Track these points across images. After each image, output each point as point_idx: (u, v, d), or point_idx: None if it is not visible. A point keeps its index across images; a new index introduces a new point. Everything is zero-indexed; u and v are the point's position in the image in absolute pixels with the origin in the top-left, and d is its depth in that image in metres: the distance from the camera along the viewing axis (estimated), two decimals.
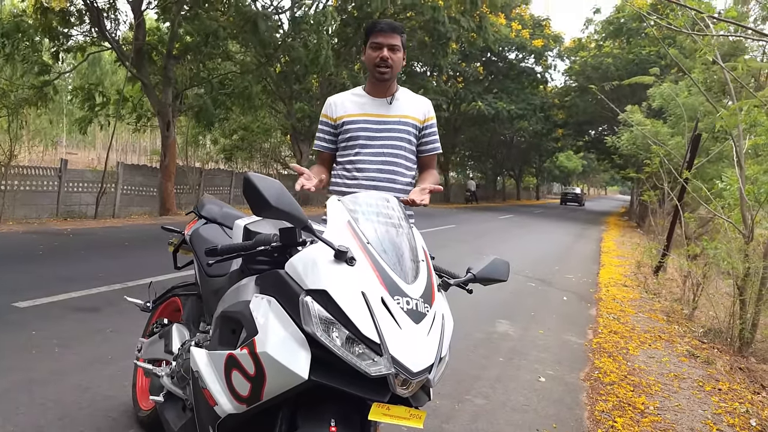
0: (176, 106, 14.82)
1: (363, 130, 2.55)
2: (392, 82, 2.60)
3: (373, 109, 2.58)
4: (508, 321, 5.95)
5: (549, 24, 33.53)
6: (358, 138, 2.55)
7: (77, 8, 14.10)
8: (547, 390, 4.04)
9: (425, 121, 2.66)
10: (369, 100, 2.60)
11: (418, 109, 2.64)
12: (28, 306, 4.84)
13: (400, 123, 2.58)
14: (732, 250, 5.79)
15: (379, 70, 2.51)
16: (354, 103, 2.60)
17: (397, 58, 2.53)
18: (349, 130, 2.57)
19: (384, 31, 2.51)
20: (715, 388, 4.35)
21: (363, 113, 2.57)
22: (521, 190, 55.94)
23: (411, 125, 2.60)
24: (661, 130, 12.37)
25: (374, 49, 2.52)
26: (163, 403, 2.41)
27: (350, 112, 2.58)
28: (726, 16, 4.86)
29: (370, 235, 1.68)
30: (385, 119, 2.57)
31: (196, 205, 2.89)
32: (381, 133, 2.56)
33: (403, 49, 2.57)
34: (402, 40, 2.55)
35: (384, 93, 2.60)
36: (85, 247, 8.48)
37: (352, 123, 2.56)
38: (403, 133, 2.58)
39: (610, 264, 11.27)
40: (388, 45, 2.50)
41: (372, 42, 2.52)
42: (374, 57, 2.51)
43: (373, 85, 2.61)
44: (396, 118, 2.58)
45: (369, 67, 2.57)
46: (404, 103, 2.62)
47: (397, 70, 2.55)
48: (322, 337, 1.47)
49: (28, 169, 12.21)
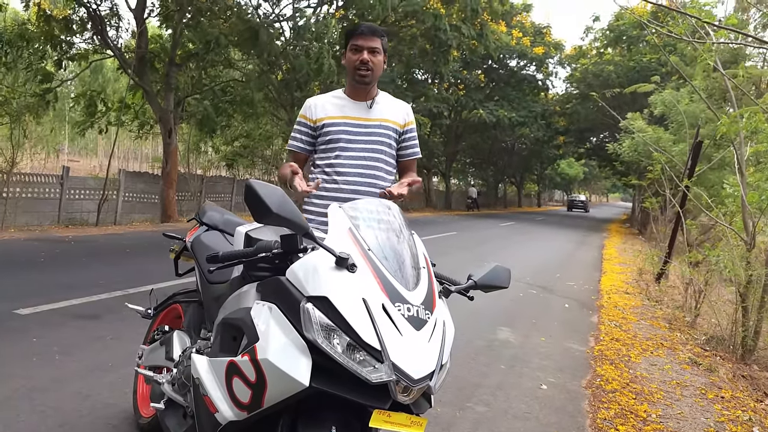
0: (178, 114, 14.88)
1: (344, 132, 2.51)
2: (373, 86, 2.57)
3: (354, 112, 2.54)
4: (509, 328, 5.93)
5: (550, 31, 33.64)
6: (339, 141, 2.50)
7: (80, 16, 14.19)
8: (548, 398, 4.02)
9: (405, 125, 2.63)
10: (349, 103, 2.56)
11: (398, 114, 2.62)
12: (29, 313, 4.84)
13: (380, 127, 2.55)
14: (734, 258, 5.78)
15: (359, 73, 2.47)
16: (334, 106, 2.56)
17: (378, 61, 2.49)
18: (329, 132, 2.52)
19: (364, 33, 2.48)
20: (718, 396, 4.33)
21: (344, 116, 2.53)
22: (522, 198, 55.93)
23: (391, 129, 2.57)
24: (663, 137, 12.37)
25: (354, 52, 2.48)
26: (163, 410, 2.41)
27: (331, 114, 2.54)
28: (726, 23, 4.87)
29: (371, 242, 1.68)
30: (365, 123, 2.53)
31: (197, 212, 2.89)
32: (362, 136, 2.52)
33: (383, 52, 2.53)
34: (383, 44, 2.51)
35: (364, 96, 2.56)
36: (87, 254, 8.49)
37: (332, 125, 2.52)
38: (383, 137, 2.55)
39: (612, 271, 11.25)
40: (368, 48, 2.46)
41: (352, 45, 2.49)
42: (354, 60, 2.47)
43: (354, 88, 2.56)
44: (377, 122, 2.54)
45: (349, 70, 2.53)
46: (385, 107, 2.60)
47: (377, 73, 2.51)
48: (323, 343, 1.47)
49: (30, 176, 12.23)
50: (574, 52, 33.52)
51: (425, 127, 28.52)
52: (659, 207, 11.16)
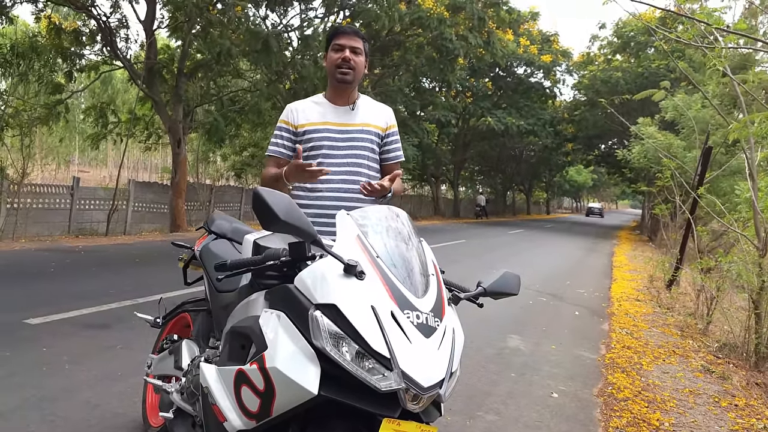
0: (187, 124, 14.97)
1: (326, 139, 2.45)
2: (354, 88, 2.52)
3: (336, 117, 2.50)
4: (519, 336, 5.89)
5: (557, 39, 33.65)
6: (321, 147, 2.45)
7: (90, 28, 14.35)
8: (560, 406, 3.99)
9: (387, 129, 2.60)
10: (331, 108, 2.52)
11: (380, 117, 2.58)
12: (40, 323, 4.87)
13: (363, 131, 2.50)
14: (747, 264, 5.72)
15: (340, 71, 2.42)
16: (315, 111, 2.51)
17: (360, 61, 2.46)
18: (311, 139, 2.46)
19: (347, 33, 2.46)
20: (732, 404, 4.28)
21: (325, 121, 2.48)
22: (531, 205, 55.78)
23: (374, 133, 2.53)
24: (674, 143, 12.31)
25: (336, 51, 2.44)
26: (172, 419, 2.40)
27: (312, 120, 2.49)
28: (735, 28, 4.84)
29: (380, 249, 1.67)
30: (347, 128, 2.49)
31: (206, 221, 2.90)
32: (344, 142, 2.47)
33: (365, 55, 2.50)
34: (365, 47, 2.49)
35: (346, 100, 2.52)
36: (97, 264, 8.53)
37: (314, 132, 2.47)
38: (366, 142, 2.50)
39: (622, 278, 11.17)
40: (350, 47, 2.43)
41: (334, 44, 2.46)
42: (336, 58, 2.43)
43: (335, 91, 2.52)
44: (359, 127, 2.50)
45: (330, 71, 2.48)
46: (366, 111, 2.55)
47: (359, 74, 2.48)
48: (331, 351, 1.46)
49: (41, 187, 12.35)
50: (582, 59, 33.49)
51: (433, 135, 28.57)
52: (669, 214, 11.09)
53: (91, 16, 13.70)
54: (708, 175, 8.69)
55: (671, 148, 11.59)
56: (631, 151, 15.40)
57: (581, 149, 37.36)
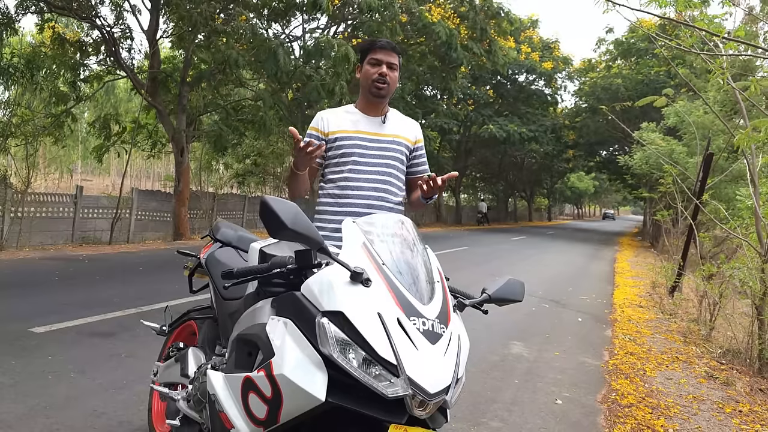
0: (190, 133, 15.03)
1: (358, 147, 2.50)
2: (386, 101, 2.59)
3: (368, 126, 2.54)
4: (522, 343, 5.89)
5: (558, 46, 33.74)
6: (352, 155, 2.49)
7: (94, 39, 14.44)
8: (564, 412, 3.99)
9: (416, 142, 2.66)
10: (362, 118, 2.56)
11: (410, 131, 2.64)
12: (45, 331, 4.88)
13: (393, 142, 2.55)
14: (750, 269, 5.72)
15: (376, 85, 2.48)
16: (348, 120, 2.55)
17: (395, 77, 2.52)
18: (343, 146, 2.51)
19: (384, 48, 2.50)
20: (736, 410, 4.28)
21: (357, 130, 2.53)
22: (533, 212, 55.74)
23: (404, 145, 2.59)
24: (675, 149, 12.32)
25: (373, 65, 2.49)
26: (179, 427, 2.41)
27: (344, 128, 2.53)
28: (735, 35, 4.86)
29: (386, 257, 1.68)
30: (379, 138, 2.53)
31: (211, 229, 2.92)
32: (375, 151, 2.51)
33: (400, 70, 2.57)
34: (399, 61, 2.55)
35: (378, 112, 2.57)
36: (101, 273, 8.55)
37: (346, 139, 2.51)
38: (396, 153, 2.55)
39: (625, 284, 11.16)
40: (387, 62, 2.48)
41: (371, 58, 2.50)
42: (372, 72, 2.48)
43: (367, 102, 2.57)
44: (390, 138, 2.55)
45: (365, 84, 2.52)
46: (396, 124, 2.61)
47: (393, 89, 2.53)
48: (338, 358, 1.47)
49: (45, 196, 12.38)
50: (583, 65, 33.57)
51: (435, 142, 28.59)
52: (671, 220, 11.09)
53: (95, 27, 13.79)
54: (710, 181, 8.70)
55: (673, 154, 11.60)
56: (633, 157, 15.42)
57: (582, 156, 37.40)
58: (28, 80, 12.94)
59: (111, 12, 13.87)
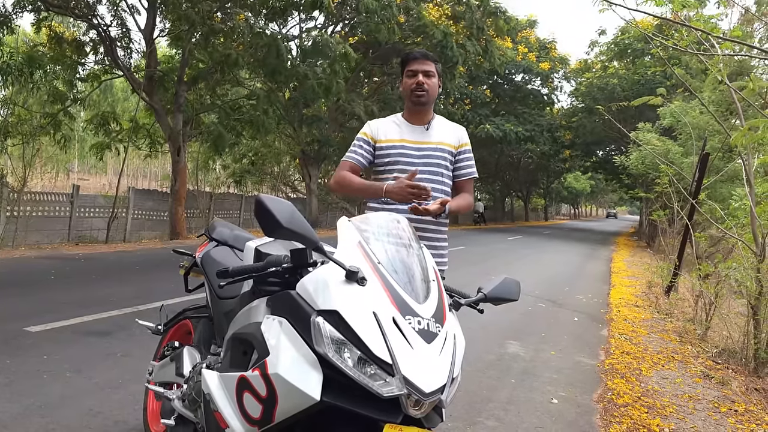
0: (187, 132, 15.00)
1: (402, 155, 2.64)
2: (429, 109, 2.71)
3: (412, 135, 2.68)
4: (518, 342, 5.90)
5: (555, 47, 33.77)
6: (398, 163, 2.64)
7: (91, 38, 14.40)
8: (560, 412, 3.99)
9: (460, 146, 2.75)
10: (408, 127, 2.71)
11: (453, 135, 2.75)
12: (40, 330, 4.87)
13: (437, 149, 2.67)
14: (746, 269, 5.73)
15: (416, 94, 2.62)
16: (394, 129, 2.71)
17: (432, 83, 2.65)
18: (389, 154, 2.66)
19: (417, 58, 2.66)
20: (731, 410, 4.29)
21: (402, 139, 2.67)
22: (529, 212, 55.78)
23: (447, 151, 2.69)
24: (672, 149, 12.34)
25: (410, 77, 2.65)
26: (174, 426, 2.41)
27: (390, 137, 2.68)
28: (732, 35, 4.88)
29: (381, 256, 1.68)
30: (423, 146, 2.67)
31: (207, 228, 2.91)
32: (419, 159, 2.64)
33: (438, 76, 2.70)
34: (437, 68, 2.68)
35: (422, 120, 2.71)
36: (97, 272, 8.53)
37: (391, 148, 2.66)
38: (440, 159, 2.67)
39: (621, 284, 11.18)
40: (422, 71, 2.63)
41: (407, 70, 2.67)
42: (410, 84, 2.64)
43: (411, 111, 2.71)
44: (434, 145, 2.68)
45: (406, 95, 2.69)
46: (440, 130, 2.73)
47: (433, 95, 2.67)
48: (333, 357, 1.47)
49: (41, 195, 12.35)
50: (579, 66, 33.61)
51: None
52: (667, 220, 11.13)
53: (92, 26, 13.76)
54: (706, 181, 8.72)
55: (669, 154, 11.62)
56: (629, 157, 15.45)
57: (579, 156, 37.43)
58: (26, 79, 12.90)
59: (108, 11, 13.85)
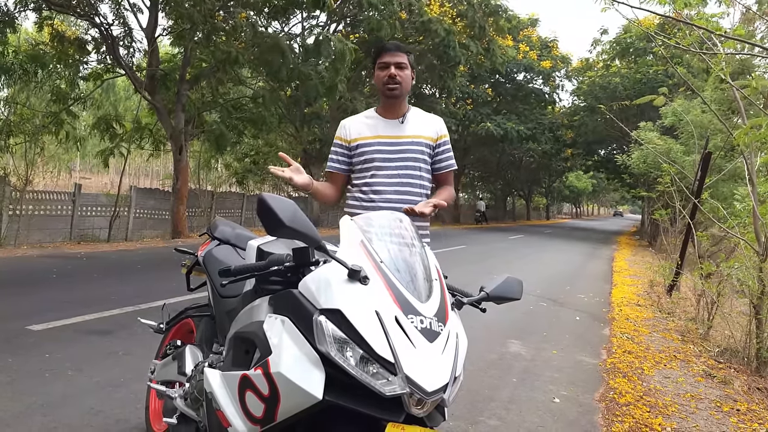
0: (188, 131, 15.00)
1: (378, 152, 2.57)
2: (403, 102, 2.64)
3: (386, 130, 2.61)
4: (520, 341, 5.90)
5: (556, 45, 33.72)
6: (374, 160, 2.57)
7: (93, 37, 14.41)
8: (561, 411, 3.99)
9: (438, 138, 2.67)
10: (381, 122, 2.63)
11: (431, 128, 2.66)
12: (42, 329, 4.87)
13: (413, 143, 2.59)
14: (748, 269, 5.72)
15: (388, 87, 2.55)
16: (367, 126, 2.63)
17: (405, 75, 2.57)
18: (364, 152, 2.59)
19: (390, 50, 2.58)
20: (734, 409, 4.28)
21: (376, 135, 2.60)
22: (531, 211, 55.74)
23: (424, 144, 2.62)
24: (673, 148, 12.32)
25: (382, 69, 2.57)
26: (176, 425, 2.41)
27: (364, 134, 2.61)
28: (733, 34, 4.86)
29: (384, 255, 1.68)
30: (398, 140, 2.59)
31: (209, 227, 2.91)
32: (395, 154, 2.57)
33: (411, 68, 2.61)
34: (409, 59, 2.60)
35: (396, 113, 2.63)
36: (99, 271, 8.54)
37: (366, 146, 2.59)
38: (417, 153, 2.60)
39: (623, 283, 11.17)
40: (395, 63, 2.55)
41: (380, 63, 2.58)
42: (383, 76, 2.56)
43: (385, 105, 2.64)
44: (409, 139, 2.60)
45: (379, 87, 2.61)
46: (416, 123, 2.64)
47: (406, 87, 2.59)
48: (336, 356, 1.47)
49: (43, 194, 12.36)
50: (581, 65, 33.55)
51: None
52: (669, 219, 11.11)
53: (94, 24, 13.76)
54: (708, 180, 8.70)
55: (670, 153, 11.60)
56: (631, 156, 15.43)
57: (581, 154, 37.35)
58: (30, 78, 12.91)
59: (110, 10, 13.85)
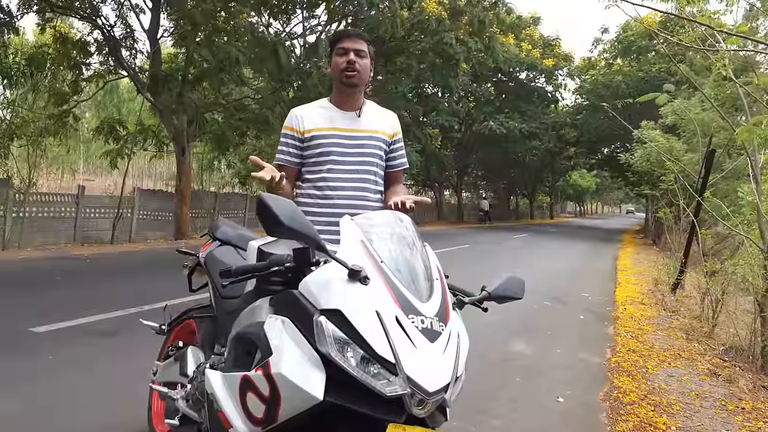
0: (191, 132, 15.02)
1: (335, 145, 2.40)
2: (360, 93, 2.49)
3: (343, 123, 2.44)
4: (523, 340, 5.88)
5: (559, 44, 33.66)
6: (330, 154, 2.40)
7: (96, 38, 14.45)
8: (565, 410, 3.98)
9: (394, 135, 2.56)
10: (338, 113, 2.46)
11: (387, 123, 2.54)
12: (45, 331, 4.88)
13: (371, 138, 2.46)
14: (753, 266, 5.70)
15: (346, 74, 2.38)
16: (322, 116, 2.45)
17: (365, 64, 2.42)
18: (320, 144, 2.41)
19: (350, 36, 2.44)
20: (739, 407, 4.26)
21: (333, 127, 2.43)
22: (535, 209, 55.63)
23: (381, 140, 2.50)
24: (675, 146, 12.27)
25: (341, 55, 2.40)
26: (178, 426, 2.40)
27: (319, 125, 2.43)
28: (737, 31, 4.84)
29: (384, 254, 1.67)
30: (356, 134, 2.44)
31: (210, 228, 2.91)
32: (353, 148, 2.43)
33: (370, 58, 2.46)
34: (369, 49, 2.45)
35: (352, 105, 2.48)
36: (102, 272, 8.56)
37: (322, 137, 2.41)
38: (374, 149, 2.46)
39: (627, 282, 11.13)
40: (354, 50, 2.39)
41: (338, 48, 2.42)
42: (341, 62, 2.39)
43: (341, 95, 2.48)
44: (367, 133, 2.46)
45: (335, 75, 2.44)
46: (373, 117, 2.51)
47: (364, 77, 2.44)
48: (336, 357, 1.46)
49: (47, 195, 12.39)
50: (584, 63, 33.49)
51: (436, 140, 28.60)
52: (673, 217, 11.07)
53: (96, 26, 13.79)
54: (711, 178, 8.66)
55: (673, 151, 11.55)
56: (634, 154, 15.38)
57: (584, 153, 37.31)
58: (32, 80, 12.94)
59: (112, 11, 13.92)
